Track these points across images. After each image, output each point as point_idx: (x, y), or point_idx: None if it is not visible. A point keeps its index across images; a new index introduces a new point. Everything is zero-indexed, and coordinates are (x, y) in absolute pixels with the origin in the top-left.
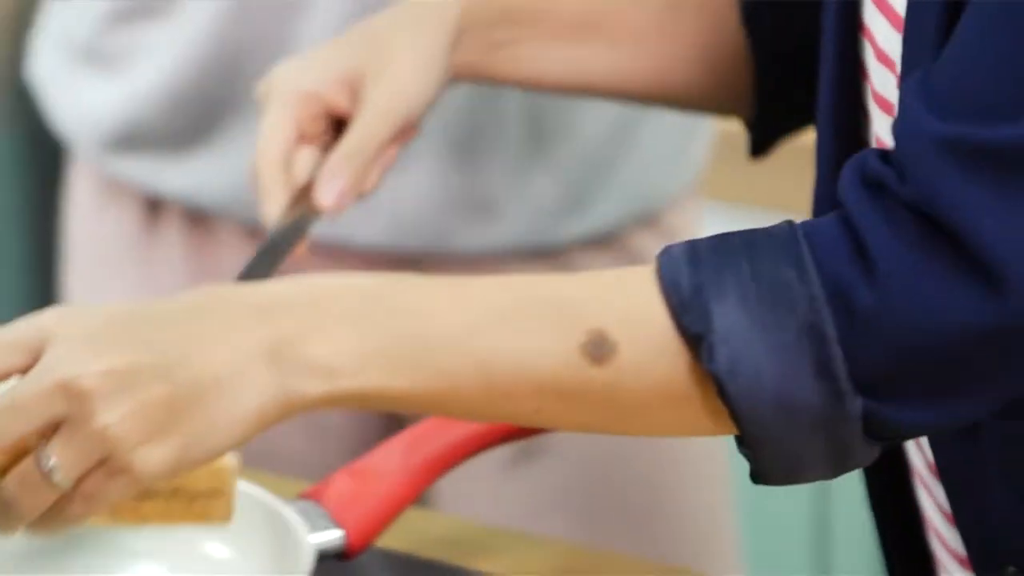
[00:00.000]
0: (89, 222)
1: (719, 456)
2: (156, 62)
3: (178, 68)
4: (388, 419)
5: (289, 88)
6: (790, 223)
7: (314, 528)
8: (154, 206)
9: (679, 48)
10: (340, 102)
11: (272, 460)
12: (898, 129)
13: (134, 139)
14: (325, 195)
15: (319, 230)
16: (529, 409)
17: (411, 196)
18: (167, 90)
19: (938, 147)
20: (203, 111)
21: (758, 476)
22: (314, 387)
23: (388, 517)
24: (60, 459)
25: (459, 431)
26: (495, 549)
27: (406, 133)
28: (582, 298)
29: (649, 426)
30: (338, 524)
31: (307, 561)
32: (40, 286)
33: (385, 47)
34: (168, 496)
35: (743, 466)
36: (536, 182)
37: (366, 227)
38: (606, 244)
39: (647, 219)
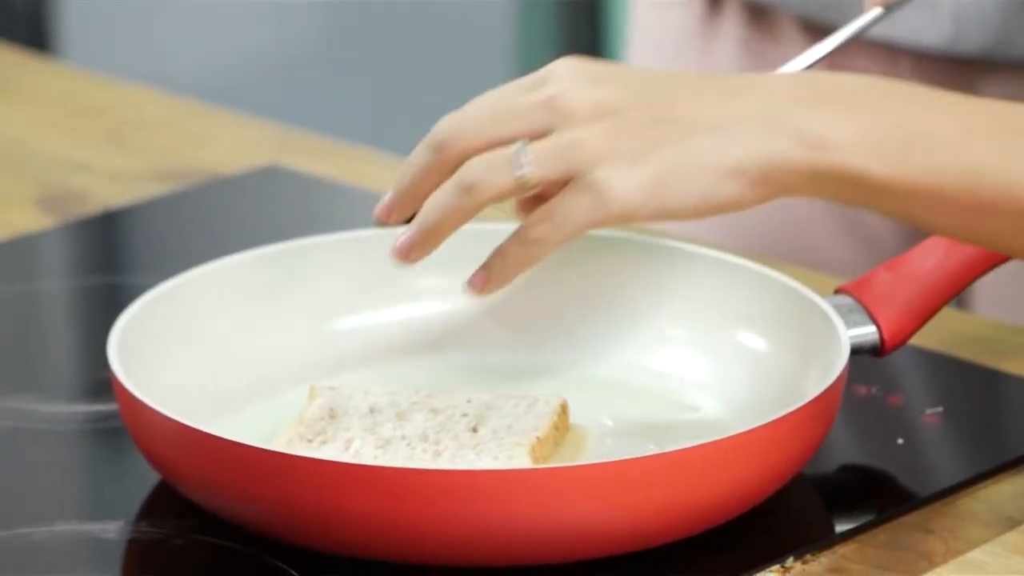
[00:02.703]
0: (652, 12)
1: None
2: None
3: None
4: None
5: None
6: None
7: (849, 323)
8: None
9: None
10: None
11: (811, 258)
12: None
13: None
14: None
15: (876, 31)
16: (1010, 230)
17: None
18: None
19: None
20: None
21: None
22: (799, 155)
23: (924, 315)
24: (532, 152)
25: None
26: None
27: None
28: None
29: None
30: (874, 320)
31: (842, 356)
32: None
33: None
34: None
35: None
36: None
37: (927, 28)
38: None
39: None
